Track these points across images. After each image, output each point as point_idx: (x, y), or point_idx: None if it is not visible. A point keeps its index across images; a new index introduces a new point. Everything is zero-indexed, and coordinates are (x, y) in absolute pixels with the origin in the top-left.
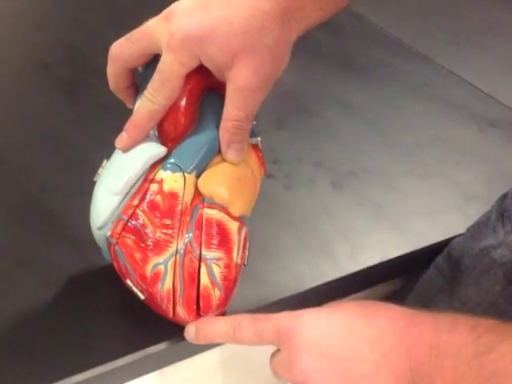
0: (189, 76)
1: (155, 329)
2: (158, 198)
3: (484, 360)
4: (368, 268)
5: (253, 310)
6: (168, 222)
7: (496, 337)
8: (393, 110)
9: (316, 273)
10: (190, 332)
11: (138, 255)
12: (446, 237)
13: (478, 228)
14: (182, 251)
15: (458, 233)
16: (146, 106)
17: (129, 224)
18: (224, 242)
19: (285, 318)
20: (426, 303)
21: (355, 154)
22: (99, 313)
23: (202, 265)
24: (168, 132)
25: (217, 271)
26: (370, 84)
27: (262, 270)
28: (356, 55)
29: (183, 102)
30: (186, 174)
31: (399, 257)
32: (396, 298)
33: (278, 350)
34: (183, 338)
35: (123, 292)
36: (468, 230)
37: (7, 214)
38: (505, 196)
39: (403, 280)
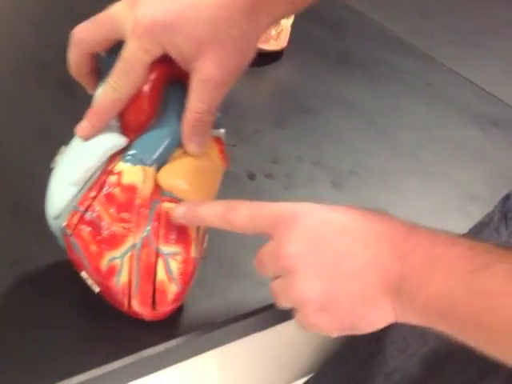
0: (153, 65)
1: (150, 331)
2: (117, 190)
3: (476, 276)
4: None
5: (253, 312)
6: (126, 215)
7: (492, 258)
8: (394, 109)
9: None
10: (179, 211)
11: (93, 248)
12: None
13: (481, 229)
14: (139, 245)
15: (459, 233)
16: (109, 93)
17: (85, 216)
18: (182, 237)
19: (285, 204)
20: None
21: (356, 153)
22: (94, 314)
23: (159, 260)
24: (130, 122)
25: (174, 266)
26: (370, 83)
27: None
28: (357, 53)
29: (146, 92)
30: (146, 167)
31: None
32: None
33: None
34: (177, 343)
35: None
36: (470, 230)
37: (5, 213)
38: (507, 197)
39: None
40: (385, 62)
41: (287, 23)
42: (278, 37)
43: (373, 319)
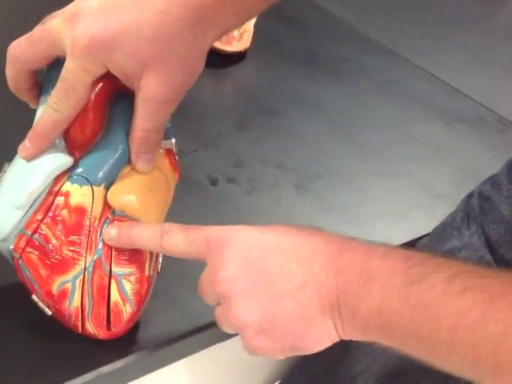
0: (96, 81)
1: (108, 348)
2: (64, 212)
3: (413, 289)
4: None
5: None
6: (75, 238)
7: (428, 268)
8: (359, 108)
9: None
10: (111, 233)
11: (43, 272)
12: (413, 237)
13: (443, 229)
14: (90, 268)
15: (425, 233)
16: (50, 115)
17: (33, 239)
18: (135, 257)
19: (216, 229)
20: None
21: (320, 155)
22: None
23: (112, 281)
24: (75, 139)
25: (128, 287)
26: (336, 82)
27: None
28: (322, 52)
29: (90, 109)
30: (94, 187)
31: None
32: None
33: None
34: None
35: None
36: (434, 230)
37: None
38: (470, 195)
39: None
40: (350, 59)
41: (250, 24)
42: (240, 38)
43: (315, 338)
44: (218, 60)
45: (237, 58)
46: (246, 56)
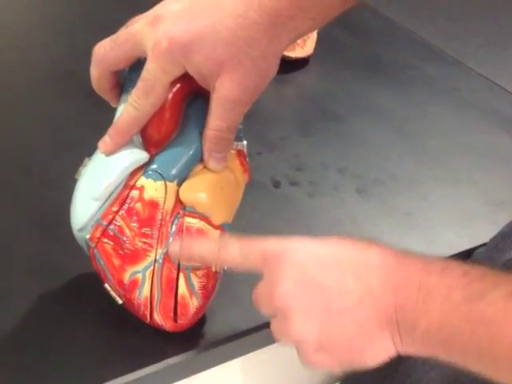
0: (174, 82)
1: (174, 340)
2: (138, 205)
3: (473, 306)
4: None
5: None
6: (147, 230)
7: (487, 284)
8: (421, 115)
9: None
10: (174, 248)
11: (116, 262)
12: (474, 245)
13: (502, 239)
14: (160, 260)
15: (486, 241)
16: (130, 112)
17: (108, 230)
18: None
19: (273, 241)
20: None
21: (382, 160)
22: (119, 324)
23: (181, 274)
24: (151, 137)
25: (195, 281)
26: (398, 88)
27: None
28: (384, 59)
29: (167, 108)
30: (167, 183)
31: None
32: None
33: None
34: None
35: None
36: (491, 240)
37: (34, 226)
38: None
39: None
40: (412, 67)
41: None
42: (304, 44)
43: (373, 353)
44: (282, 66)
45: (300, 64)
46: (308, 62)
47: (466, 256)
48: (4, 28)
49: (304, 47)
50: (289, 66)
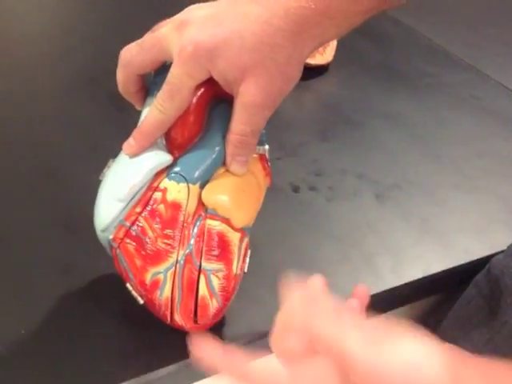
0: (199, 86)
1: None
2: (161, 207)
3: None
4: (410, 282)
5: None
6: (169, 232)
7: None
8: (438, 121)
9: None
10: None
11: (138, 262)
12: (492, 252)
13: None
14: (182, 262)
15: (503, 248)
16: (155, 115)
17: (131, 230)
18: (224, 254)
19: (372, 361)
20: (465, 324)
21: (400, 166)
22: (139, 324)
23: (201, 276)
24: (175, 139)
25: (216, 283)
26: (416, 95)
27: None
28: (402, 66)
29: (191, 112)
30: (190, 185)
31: (442, 271)
32: (435, 315)
33: None
34: None
35: None
36: (509, 247)
37: (59, 226)
38: None
39: (444, 296)
40: (430, 74)
41: None
42: (323, 51)
43: None
44: (302, 72)
45: (319, 70)
46: (328, 69)
47: (483, 263)
48: (31, 35)
49: (324, 54)
50: (308, 72)
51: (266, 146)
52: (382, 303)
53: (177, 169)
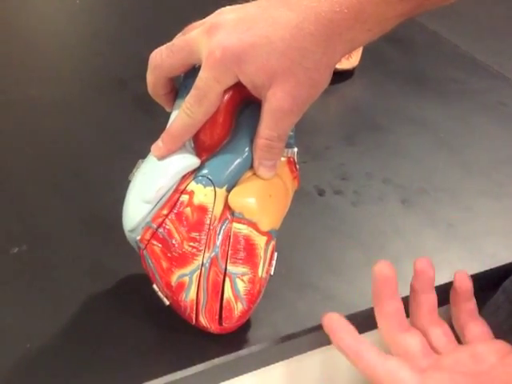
0: (227, 90)
1: (219, 341)
2: (188, 210)
3: None
4: (436, 287)
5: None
6: (195, 235)
7: None
8: (466, 128)
9: None
10: None
11: (164, 264)
12: None
13: None
14: (207, 265)
15: None
16: (183, 119)
17: (157, 232)
18: (250, 258)
19: None
20: (494, 331)
21: (426, 171)
22: (165, 324)
23: (227, 279)
24: (203, 142)
25: (241, 286)
26: (442, 102)
27: (329, 286)
28: (429, 72)
29: (220, 115)
30: (216, 189)
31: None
32: None
33: None
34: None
35: None
36: None
37: (84, 226)
38: None
39: None
40: (457, 80)
41: None
42: (349, 56)
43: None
44: (331, 78)
45: (345, 75)
46: (353, 74)
47: (509, 269)
48: (60, 38)
49: (350, 59)
50: (334, 76)
51: (295, 149)
52: (407, 308)
53: (204, 171)
